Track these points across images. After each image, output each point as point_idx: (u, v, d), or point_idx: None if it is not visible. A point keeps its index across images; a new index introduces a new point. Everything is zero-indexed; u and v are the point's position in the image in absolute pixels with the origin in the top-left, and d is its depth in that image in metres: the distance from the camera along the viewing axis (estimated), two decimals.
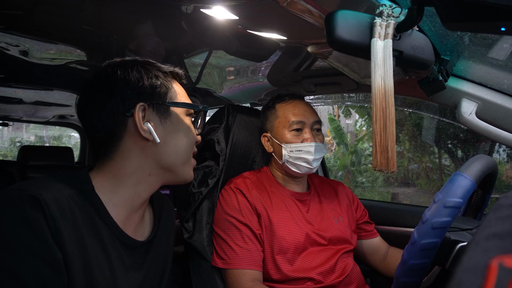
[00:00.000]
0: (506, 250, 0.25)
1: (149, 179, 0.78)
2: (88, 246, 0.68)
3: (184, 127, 0.80)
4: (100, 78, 0.76)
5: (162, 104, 0.77)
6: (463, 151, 7.85)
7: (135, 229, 0.80)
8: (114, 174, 0.75)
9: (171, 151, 0.78)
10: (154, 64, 0.80)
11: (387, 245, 1.38)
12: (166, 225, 0.92)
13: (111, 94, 0.73)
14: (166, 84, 0.79)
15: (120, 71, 0.75)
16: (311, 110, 1.29)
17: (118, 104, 0.73)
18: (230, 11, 0.89)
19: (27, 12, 1.00)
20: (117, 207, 0.75)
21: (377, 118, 0.72)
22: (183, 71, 0.85)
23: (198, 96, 2.04)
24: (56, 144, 11.53)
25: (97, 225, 0.70)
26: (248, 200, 1.21)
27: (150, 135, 0.74)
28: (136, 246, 0.79)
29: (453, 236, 0.80)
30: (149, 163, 0.77)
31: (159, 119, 0.76)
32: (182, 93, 0.82)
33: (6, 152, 12.93)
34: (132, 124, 0.74)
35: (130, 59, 0.80)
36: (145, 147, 0.76)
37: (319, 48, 1.03)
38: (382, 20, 0.71)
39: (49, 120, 3.49)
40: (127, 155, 0.75)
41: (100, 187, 0.73)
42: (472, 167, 0.79)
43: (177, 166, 0.80)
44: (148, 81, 0.76)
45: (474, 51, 0.93)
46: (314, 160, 1.22)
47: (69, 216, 0.65)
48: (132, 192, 0.76)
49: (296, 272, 1.15)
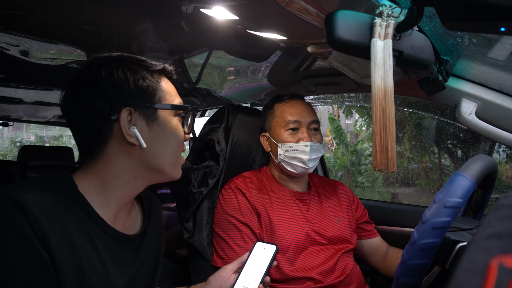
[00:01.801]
0: (506, 250, 0.25)
1: (135, 180, 0.77)
2: (77, 245, 0.67)
3: (172, 130, 0.78)
4: (84, 77, 0.74)
5: (149, 107, 0.74)
6: (463, 151, 7.85)
7: (124, 225, 0.80)
8: (100, 176, 0.74)
9: (159, 154, 0.76)
10: (141, 62, 0.77)
11: (387, 245, 1.38)
12: (156, 219, 0.92)
13: (96, 95, 0.71)
14: (153, 86, 0.76)
15: (105, 72, 0.72)
16: (308, 110, 1.28)
17: (104, 105, 0.71)
18: (230, 11, 0.89)
19: (27, 12, 1.00)
20: (103, 207, 0.74)
21: (377, 118, 0.72)
22: (173, 67, 0.82)
23: (198, 96, 2.04)
24: (56, 144, 11.53)
25: (85, 223, 0.70)
26: (248, 200, 1.21)
27: (136, 140, 0.72)
28: (127, 241, 0.79)
29: (453, 236, 0.80)
30: (135, 165, 0.75)
31: (146, 123, 0.74)
32: (171, 92, 0.80)
33: (6, 152, 12.93)
34: (117, 128, 0.72)
35: (116, 56, 0.76)
36: (131, 151, 0.74)
37: (319, 48, 1.03)
38: (382, 20, 0.71)
39: (49, 120, 3.49)
40: (113, 158, 0.74)
41: (85, 189, 0.72)
42: (472, 167, 0.79)
43: (165, 167, 0.79)
44: (134, 83, 0.73)
45: (474, 51, 0.93)
46: (309, 160, 1.21)
47: (54, 216, 0.65)
48: (118, 193, 0.76)
49: (296, 271, 1.15)
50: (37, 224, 0.62)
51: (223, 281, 0.89)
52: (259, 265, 0.88)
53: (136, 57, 0.78)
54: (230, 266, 0.91)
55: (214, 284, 0.88)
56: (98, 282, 0.70)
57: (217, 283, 0.89)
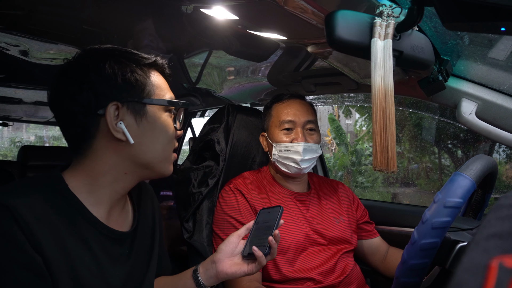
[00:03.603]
0: (506, 250, 0.25)
1: (125, 177, 0.75)
2: (70, 246, 0.67)
3: (161, 125, 0.75)
4: (71, 69, 0.72)
5: (138, 102, 0.72)
6: (463, 151, 7.85)
7: (117, 221, 0.79)
8: (89, 173, 0.72)
9: (147, 150, 0.74)
10: (131, 56, 0.74)
11: (387, 245, 1.38)
12: (147, 210, 0.90)
13: (82, 88, 0.69)
14: (143, 80, 0.73)
15: (92, 64, 0.70)
16: (304, 110, 1.27)
17: (90, 99, 0.69)
18: (230, 11, 0.89)
19: (27, 12, 1.00)
20: (95, 205, 0.73)
21: (377, 118, 0.72)
22: (165, 61, 0.80)
23: (198, 96, 2.04)
24: (56, 144, 11.52)
25: (77, 223, 0.69)
26: (247, 201, 1.20)
27: (124, 135, 0.70)
28: (122, 238, 0.78)
29: (453, 236, 0.80)
30: (124, 162, 0.74)
31: (133, 118, 0.72)
32: (162, 86, 0.77)
33: (6, 152, 12.93)
34: (104, 123, 0.70)
35: (105, 48, 0.74)
36: (118, 147, 0.72)
37: (319, 48, 1.03)
38: (382, 20, 0.71)
39: (49, 120, 3.49)
40: (101, 154, 0.72)
41: (76, 187, 0.71)
42: (472, 167, 0.79)
43: (154, 164, 0.77)
44: (121, 77, 0.70)
45: (474, 51, 0.93)
46: (303, 160, 1.21)
47: (45, 218, 0.64)
48: (108, 191, 0.74)
49: (296, 272, 1.15)
50: (28, 228, 0.61)
51: (234, 246, 0.89)
52: (267, 226, 0.90)
53: (127, 50, 0.76)
54: (238, 232, 0.91)
55: (226, 250, 0.88)
56: (93, 282, 0.69)
57: (228, 249, 0.88)
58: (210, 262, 0.88)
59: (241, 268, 0.86)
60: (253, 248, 0.85)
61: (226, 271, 0.86)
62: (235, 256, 0.88)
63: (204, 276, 0.88)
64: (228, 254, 0.88)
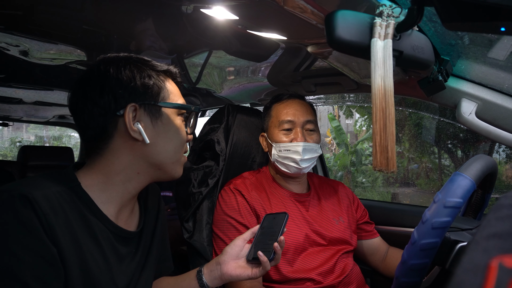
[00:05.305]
0: (506, 250, 0.25)
1: (137, 177, 0.79)
2: (81, 241, 0.69)
3: (175, 128, 0.80)
4: (92, 75, 0.76)
5: (154, 105, 0.77)
6: (463, 151, 7.85)
7: (126, 221, 0.82)
8: (103, 171, 0.76)
9: (161, 151, 0.78)
10: (148, 62, 0.80)
11: (387, 245, 1.38)
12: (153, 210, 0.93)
13: (103, 92, 0.73)
14: (159, 84, 0.78)
15: (112, 69, 0.75)
16: (304, 110, 1.27)
17: (110, 102, 0.73)
18: (230, 11, 0.89)
19: (27, 12, 1.00)
20: (106, 203, 0.76)
21: (377, 118, 0.72)
22: (178, 69, 0.85)
23: (198, 96, 2.04)
24: (56, 144, 11.54)
25: (88, 220, 0.72)
26: (247, 201, 1.20)
27: (140, 135, 0.75)
28: (131, 237, 0.81)
29: (453, 236, 0.80)
30: (138, 161, 0.77)
31: (150, 120, 0.76)
32: (175, 92, 0.82)
33: (6, 152, 12.93)
34: (122, 123, 0.74)
35: (124, 56, 0.79)
36: (134, 147, 0.76)
37: (319, 48, 1.03)
38: (382, 20, 0.71)
39: (49, 120, 3.49)
40: (117, 153, 0.76)
41: (89, 185, 0.74)
42: (472, 167, 0.79)
43: (166, 165, 0.80)
44: (140, 80, 0.76)
45: (474, 51, 0.93)
46: (302, 160, 1.21)
47: (60, 212, 0.67)
48: (120, 190, 0.77)
49: (295, 272, 1.15)
50: (46, 219, 0.64)
51: (239, 249, 0.91)
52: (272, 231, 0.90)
53: (143, 57, 0.81)
54: (244, 236, 0.92)
55: (231, 253, 0.90)
56: (101, 278, 0.71)
57: (234, 252, 0.90)
58: (215, 264, 0.90)
59: (246, 271, 0.88)
60: (258, 253, 0.86)
61: (231, 273, 0.88)
62: (240, 259, 0.90)
63: (209, 277, 0.90)
64: (234, 256, 0.90)
